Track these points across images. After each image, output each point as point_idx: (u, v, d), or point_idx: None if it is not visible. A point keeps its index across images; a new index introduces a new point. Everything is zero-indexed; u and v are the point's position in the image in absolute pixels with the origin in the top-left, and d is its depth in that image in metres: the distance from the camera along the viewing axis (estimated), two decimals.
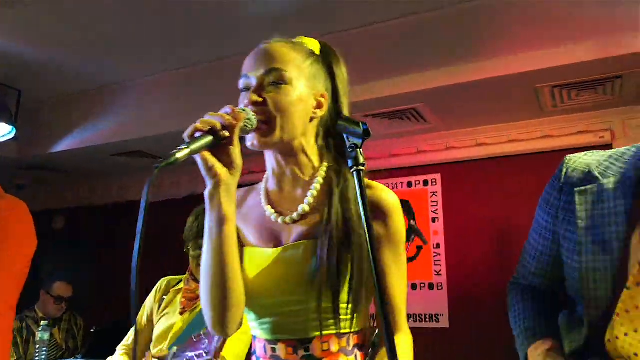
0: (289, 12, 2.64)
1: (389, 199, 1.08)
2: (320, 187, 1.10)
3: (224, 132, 0.92)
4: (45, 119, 3.86)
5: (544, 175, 1.34)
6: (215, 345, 1.80)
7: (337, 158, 1.13)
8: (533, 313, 1.19)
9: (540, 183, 1.31)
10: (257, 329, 1.10)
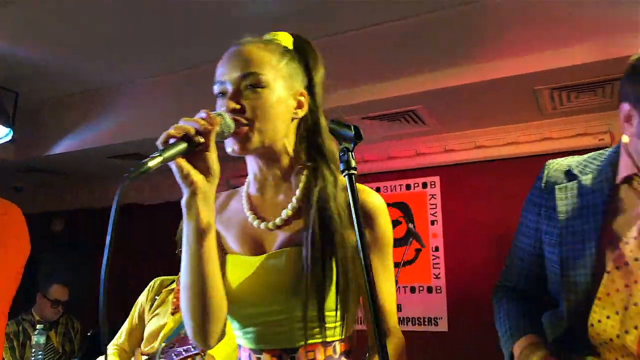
0: (289, 13, 2.63)
1: (375, 202, 1.05)
2: (303, 190, 1.06)
3: (199, 137, 0.89)
4: (43, 121, 3.85)
5: None
6: None
7: (314, 156, 1.09)
8: (517, 313, 1.22)
9: None
10: (241, 338, 1.08)
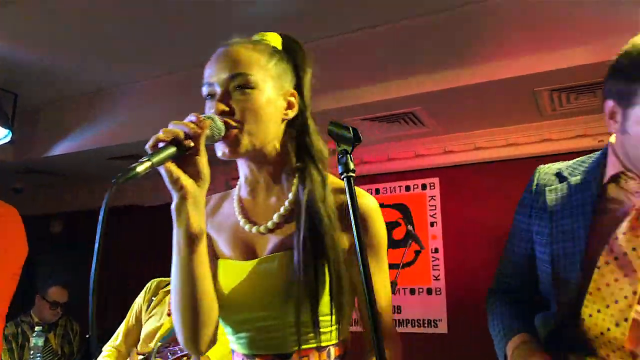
0: (289, 14, 2.63)
1: (368, 203, 1.04)
2: (295, 193, 1.04)
3: (189, 141, 0.88)
4: (42, 123, 3.85)
5: None
6: None
7: (302, 157, 1.07)
8: (510, 315, 1.24)
9: None
10: (234, 343, 1.07)
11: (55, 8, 2.58)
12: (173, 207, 0.91)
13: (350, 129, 0.88)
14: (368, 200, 1.05)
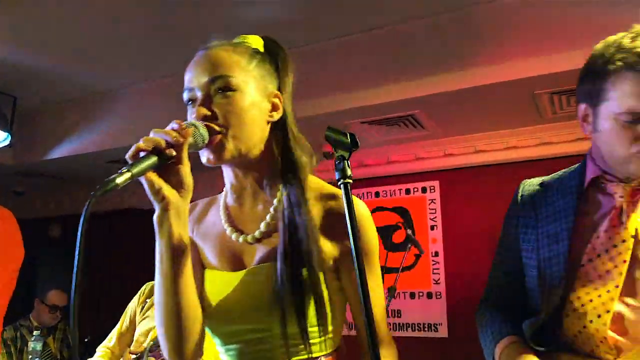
0: (288, 17, 2.62)
1: (360, 210, 1.01)
2: (280, 200, 1.01)
3: (170, 150, 0.85)
4: (41, 126, 3.83)
5: None
6: None
7: (284, 161, 1.03)
8: (499, 320, 1.28)
9: None
10: (223, 355, 1.05)
11: (54, 11, 2.58)
12: (155, 218, 0.87)
13: (348, 135, 0.87)
14: (360, 207, 1.02)
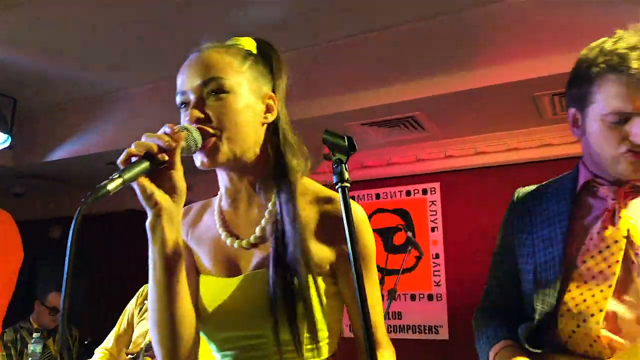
0: (288, 19, 2.62)
1: (356, 213, 1.00)
2: (274, 204, 1.00)
3: (163, 155, 0.83)
4: (41, 127, 3.84)
5: None
6: None
7: (276, 165, 1.02)
8: (495, 325, 1.31)
9: None
10: None
11: (55, 14, 2.58)
12: (147, 224, 0.86)
13: (346, 138, 0.86)
14: (356, 211, 1.01)
